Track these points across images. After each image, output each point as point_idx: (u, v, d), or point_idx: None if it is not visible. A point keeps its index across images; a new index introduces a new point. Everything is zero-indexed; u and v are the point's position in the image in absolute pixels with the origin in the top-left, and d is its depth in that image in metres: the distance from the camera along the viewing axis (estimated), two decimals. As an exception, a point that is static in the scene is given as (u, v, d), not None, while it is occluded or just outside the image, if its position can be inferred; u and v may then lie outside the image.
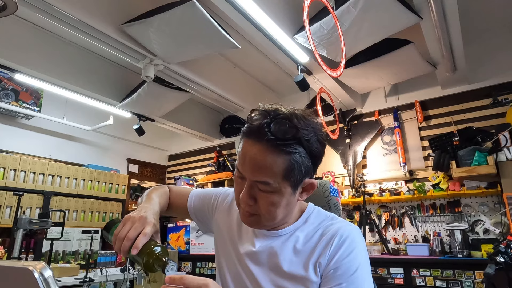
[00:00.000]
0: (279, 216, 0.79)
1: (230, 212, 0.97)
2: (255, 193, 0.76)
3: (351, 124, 4.27)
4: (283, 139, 0.72)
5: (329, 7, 2.29)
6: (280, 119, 0.73)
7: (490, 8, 3.17)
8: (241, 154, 0.77)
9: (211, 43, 2.76)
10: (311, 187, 0.81)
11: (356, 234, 0.81)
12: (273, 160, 0.72)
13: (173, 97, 3.99)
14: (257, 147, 0.73)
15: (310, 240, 0.81)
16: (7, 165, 3.64)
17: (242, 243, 0.89)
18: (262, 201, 0.76)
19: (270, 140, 0.72)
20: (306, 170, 0.76)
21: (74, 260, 3.94)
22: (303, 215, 0.86)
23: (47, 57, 3.38)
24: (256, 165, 0.74)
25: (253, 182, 0.75)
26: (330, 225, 0.82)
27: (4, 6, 1.74)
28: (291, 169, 0.73)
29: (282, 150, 0.72)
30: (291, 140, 0.72)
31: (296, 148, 0.73)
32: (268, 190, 0.75)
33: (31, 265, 0.54)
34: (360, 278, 0.74)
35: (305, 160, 0.75)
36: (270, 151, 0.72)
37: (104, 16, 2.62)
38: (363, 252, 0.78)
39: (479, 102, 3.54)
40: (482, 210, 3.30)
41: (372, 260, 0.87)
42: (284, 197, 0.76)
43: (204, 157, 5.66)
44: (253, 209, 0.78)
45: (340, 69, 2.64)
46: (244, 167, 0.76)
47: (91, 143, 4.89)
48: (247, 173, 0.76)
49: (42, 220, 2.98)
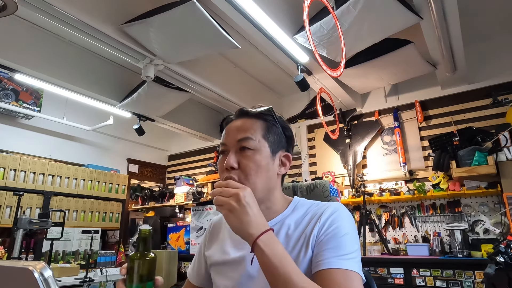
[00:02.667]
0: (259, 180, 0.82)
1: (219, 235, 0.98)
2: (238, 157, 0.83)
3: (351, 124, 4.27)
4: (259, 112, 0.88)
5: (329, 7, 2.29)
6: (254, 106, 0.91)
7: (490, 8, 3.17)
8: (225, 132, 0.89)
9: (211, 43, 2.76)
10: (288, 159, 0.91)
11: (342, 208, 0.85)
12: (252, 123, 0.87)
13: (173, 97, 3.99)
14: (239, 121, 0.89)
15: (300, 224, 0.85)
16: (7, 165, 3.64)
17: (234, 247, 0.89)
18: (245, 161, 0.82)
19: (249, 112, 0.89)
20: (281, 141, 0.89)
21: (74, 260, 3.94)
22: (290, 205, 0.91)
23: (47, 57, 3.38)
24: (239, 128, 0.86)
25: (236, 144, 0.84)
26: (317, 208, 0.87)
27: (4, 6, 1.74)
28: (268, 130, 0.86)
29: (260, 117, 0.88)
30: (266, 113, 0.88)
31: (270, 120, 0.88)
32: (250, 147, 0.83)
33: (31, 265, 0.54)
34: (349, 242, 0.77)
35: (279, 131, 0.89)
36: (249, 119, 0.88)
37: (104, 16, 2.62)
38: (350, 223, 0.82)
39: (479, 102, 3.54)
40: (482, 210, 3.30)
41: (372, 260, 0.88)
42: (264, 157, 0.84)
43: (204, 157, 5.66)
44: (236, 174, 0.82)
45: (340, 69, 2.64)
46: (227, 138, 0.87)
47: (91, 143, 4.89)
48: (230, 139, 0.85)
49: (42, 220, 2.98)
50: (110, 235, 4.73)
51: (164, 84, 3.69)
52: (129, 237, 4.91)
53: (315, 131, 4.59)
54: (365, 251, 3.54)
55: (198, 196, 4.81)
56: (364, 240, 3.68)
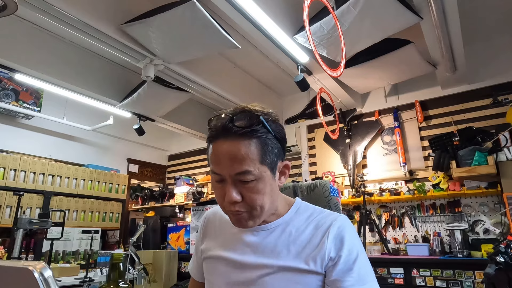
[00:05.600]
0: (267, 204, 0.78)
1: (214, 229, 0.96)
2: (239, 188, 0.76)
3: (351, 124, 4.27)
4: (249, 126, 0.75)
5: (329, 7, 2.29)
6: (238, 112, 0.78)
7: (490, 8, 3.17)
8: (214, 157, 0.78)
9: (211, 43, 2.76)
10: (286, 168, 0.84)
11: (347, 223, 0.83)
12: (247, 148, 0.74)
13: (173, 97, 3.99)
14: (227, 143, 0.76)
15: (304, 232, 0.82)
16: (7, 165, 3.64)
17: (235, 250, 0.87)
18: (249, 193, 0.76)
19: (237, 131, 0.75)
20: (278, 152, 0.79)
21: (74, 260, 3.94)
22: (292, 208, 0.87)
23: (47, 57, 3.37)
24: (233, 158, 0.74)
25: (234, 177, 0.75)
26: (321, 218, 0.83)
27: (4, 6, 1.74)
28: (264, 152, 0.76)
29: (252, 136, 0.75)
30: (256, 125, 0.75)
31: (263, 132, 0.76)
32: (251, 179, 0.75)
33: (31, 265, 0.54)
34: (362, 264, 0.77)
35: (274, 142, 0.78)
36: (241, 141, 0.74)
37: (104, 16, 2.62)
38: (356, 240, 0.81)
39: (479, 102, 3.54)
40: (482, 210, 3.30)
41: (372, 260, 0.88)
42: (267, 182, 0.77)
43: (204, 157, 5.66)
44: (242, 207, 0.77)
45: (340, 69, 2.64)
46: (220, 166, 0.76)
47: (91, 143, 4.89)
48: (225, 170, 0.76)
49: (42, 220, 2.98)
50: (110, 235, 4.74)
51: (164, 84, 3.69)
52: (129, 237, 4.91)
53: (315, 131, 4.59)
54: (365, 251, 3.54)
55: (198, 196, 4.82)
56: (364, 240, 3.68)
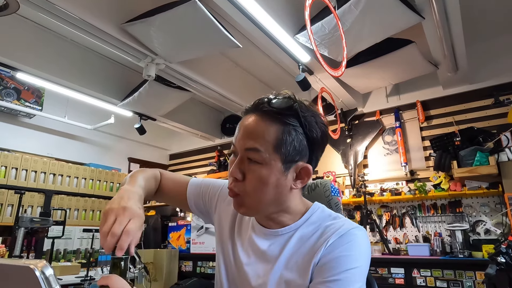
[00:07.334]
0: (265, 197, 0.72)
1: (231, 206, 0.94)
2: (244, 167, 0.73)
3: (352, 123, 4.27)
4: (278, 109, 0.70)
5: (330, 7, 2.28)
6: (280, 94, 0.75)
7: (492, 8, 3.16)
8: (237, 129, 0.76)
9: (213, 42, 2.76)
10: (306, 174, 0.74)
11: (359, 234, 0.73)
12: (266, 127, 0.70)
13: (174, 96, 3.99)
14: (252, 117, 0.73)
15: (308, 241, 0.75)
16: (9, 163, 3.64)
17: (241, 240, 0.85)
18: (250, 175, 0.71)
19: (266, 109, 0.71)
20: (301, 150, 0.71)
21: (75, 259, 3.95)
22: (306, 214, 0.79)
23: (48, 56, 3.38)
24: (248, 132, 0.72)
25: (243, 152, 0.72)
26: (330, 224, 0.75)
27: (6, 5, 1.74)
28: (283, 140, 0.69)
29: (277, 119, 0.70)
30: (288, 111, 0.70)
31: (292, 121, 0.70)
32: (257, 160, 0.70)
33: (32, 263, 0.54)
34: (351, 279, 0.67)
35: (300, 137, 0.71)
36: (264, 119, 0.71)
37: (105, 15, 2.62)
38: (362, 254, 0.71)
39: (481, 102, 3.53)
40: (483, 210, 3.30)
41: (372, 260, 0.81)
42: (273, 173, 0.70)
43: (205, 156, 5.66)
44: (239, 187, 0.73)
45: (342, 69, 2.64)
46: (237, 138, 0.75)
47: (92, 142, 4.89)
48: (239, 142, 0.73)
49: (43, 218, 2.99)
50: (111, 234, 4.73)
51: (165, 83, 3.69)
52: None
53: (316, 131, 4.57)
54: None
55: (199, 195, 4.81)
56: (368, 242, 3.67)
